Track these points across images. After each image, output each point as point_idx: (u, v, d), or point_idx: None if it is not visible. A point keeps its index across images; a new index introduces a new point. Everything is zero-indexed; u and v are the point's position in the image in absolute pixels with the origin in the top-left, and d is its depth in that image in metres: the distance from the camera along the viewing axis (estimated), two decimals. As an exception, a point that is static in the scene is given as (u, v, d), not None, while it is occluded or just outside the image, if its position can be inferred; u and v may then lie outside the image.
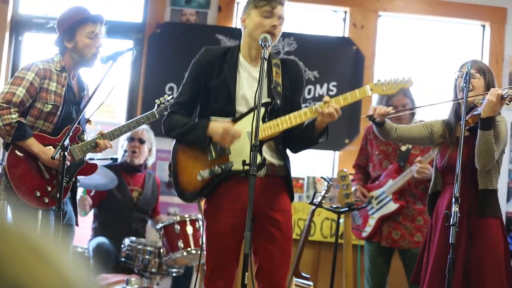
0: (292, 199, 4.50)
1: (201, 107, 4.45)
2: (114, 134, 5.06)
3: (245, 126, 4.25)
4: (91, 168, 5.15)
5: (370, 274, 6.28)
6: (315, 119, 4.29)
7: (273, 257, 4.30)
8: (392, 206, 6.11)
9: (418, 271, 5.05)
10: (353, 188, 6.25)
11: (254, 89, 4.24)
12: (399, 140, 5.09)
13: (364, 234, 6.27)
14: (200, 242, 5.97)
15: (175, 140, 4.48)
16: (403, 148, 6.22)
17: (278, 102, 4.31)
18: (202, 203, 4.51)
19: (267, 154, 4.33)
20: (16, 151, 4.79)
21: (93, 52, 4.89)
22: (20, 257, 0.98)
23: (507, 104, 4.58)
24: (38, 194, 4.78)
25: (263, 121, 4.25)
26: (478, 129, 4.61)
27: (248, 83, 4.34)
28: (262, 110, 4.22)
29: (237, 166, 4.21)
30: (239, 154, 4.17)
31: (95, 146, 4.96)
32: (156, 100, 5.14)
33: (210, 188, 4.33)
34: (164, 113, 5.04)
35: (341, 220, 6.08)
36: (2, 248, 0.98)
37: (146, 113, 5.10)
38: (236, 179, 4.26)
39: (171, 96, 5.14)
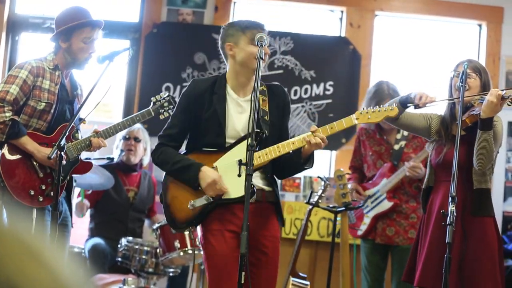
0: (282, 224, 4.55)
1: (190, 138, 4.49)
2: (109, 132, 5.06)
3: (235, 156, 4.26)
4: (85, 167, 5.15)
5: (368, 272, 6.30)
6: (300, 151, 4.31)
7: (259, 281, 4.32)
8: (386, 205, 6.13)
9: (411, 269, 5.04)
10: (348, 186, 6.28)
11: (243, 121, 4.29)
12: (400, 125, 5.07)
13: (359, 233, 6.29)
14: (197, 243, 5.97)
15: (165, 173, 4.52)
16: (396, 147, 6.25)
17: (266, 132, 4.31)
18: (194, 234, 4.56)
19: (256, 181, 4.34)
20: (10, 150, 4.79)
21: (85, 57, 4.91)
22: (14, 258, 0.98)
23: (509, 105, 4.58)
24: (32, 193, 4.78)
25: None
26: (478, 130, 4.61)
27: (237, 115, 4.36)
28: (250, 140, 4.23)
29: (228, 195, 4.28)
30: (230, 183, 4.22)
31: (89, 145, 4.96)
32: (152, 98, 5.14)
33: (201, 217, 4.35)
34: (160, 110, 5.05)
35: (338, 219, 6.10)
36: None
37: (141, 111, 5.10)
38: (226, 207, 4.32)
39: (166, 94, 5.14)
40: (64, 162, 4.78)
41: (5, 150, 4.79)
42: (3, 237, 1.00)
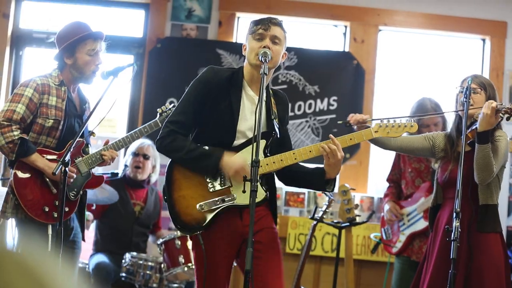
0: (275, 218, 4.37)
1: (196, 130, 4.28)
2: (118, 145, 5.05)
3: (245, 158, 4.13)
4: (98, 180, 5.12)
5: (397, 287, 6.30)
6: (324, 171, 4.22)
7: (263, 273, 4.15)
8: (423, 224, 6.14)
9: (416, 283, 5.04)
10: (386, 206, 6.29)
11: (254, 118, 4.08)
12: (398, 149, 5.06)
13: (395, 250, 6.31)
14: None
15: (172, 161, 4.27)
16: (436, 166, 6.25)
17: (278, 133, 4.25)
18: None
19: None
20: (22, 168, 4.77)
21: (93, 69, 4.88)
22: (15, 284, 0.97)
23: (501, 118, 4.56)
24: (47, 209, 4.74)
25: (265, 155, 4.18)
26: (476, 143, 4.61)
27: (250, 111, 4.21)
28: (264, 142, 4.16)
29: (239, 200, 4.14)
30: (240, 188, 4.05)
31: (100, 159, 4.95)
32: (158, 109, 5.14)
33: (210, 220, 4.14)
34: None
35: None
36: (1, 277, 0.96)
37: (148, 123, 5.09)
38: (230, 211, 4.17)
39: (172, 104, 5.13)
40: (74, 176, 4.79)
41: (17, 168, 4.77)
42: (4, 263, 0.99)
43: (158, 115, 5.12)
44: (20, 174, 4.77)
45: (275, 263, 4.25)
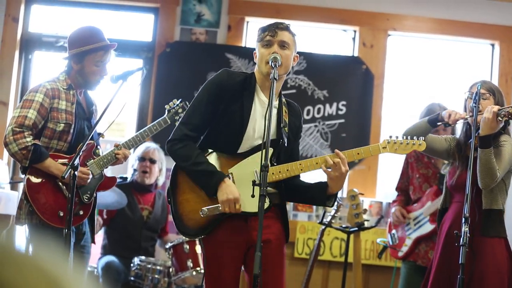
0: (286, 226, 4.37)
1: (208, 130, 4.26)
2: (129, 145, 5.05)
3: (252, 164, 4.14)
4: (111, 182, 5.13)
5: None
6: (327, 185, 4.18)
7: (266, 271, 4.04)
8: (429, 227, 6.13)
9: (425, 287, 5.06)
10: (393, 209, 6.29)
11: (263, 124, 4.04)
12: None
13: (400, 254, 6.30)
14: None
15: (176, 165, 4.27)
16: (443, 171, 6.25)
17: (286, 142, 4.22)
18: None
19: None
20: (35, 174, 4.77)
21: (97, 79, 4.89)
22: (32, 285, 0.97)
23: (500, 120, 4.56)
24: (62, 214, 4.74)
25: (271, 164, 4.13)
26: (478, 148, 4.61)
27: (261, 117, 4.18)
28: (271, 150, 4.09)
29: (243, 207, 4.10)
30: (245, 195, 4.04)
31: (112, 159, 4.95)
32: (165, 106, 5.15)
33: (213, 225, 4.15)
34: (176, 117, 5.05)
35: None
36: (14, 277, 0.97)
37: (157, 120, 5.10)
38: (234, 217, 4.14)
39: (179, 100, 5.13)
40: (90, 177, 4.81)
41: (29, 174, 4.76)
42: (21, 264, 1.00)
43: (166, 112, 5.13)
44: (33, 180, 4.77)
45: (278, 278, 4.24)
